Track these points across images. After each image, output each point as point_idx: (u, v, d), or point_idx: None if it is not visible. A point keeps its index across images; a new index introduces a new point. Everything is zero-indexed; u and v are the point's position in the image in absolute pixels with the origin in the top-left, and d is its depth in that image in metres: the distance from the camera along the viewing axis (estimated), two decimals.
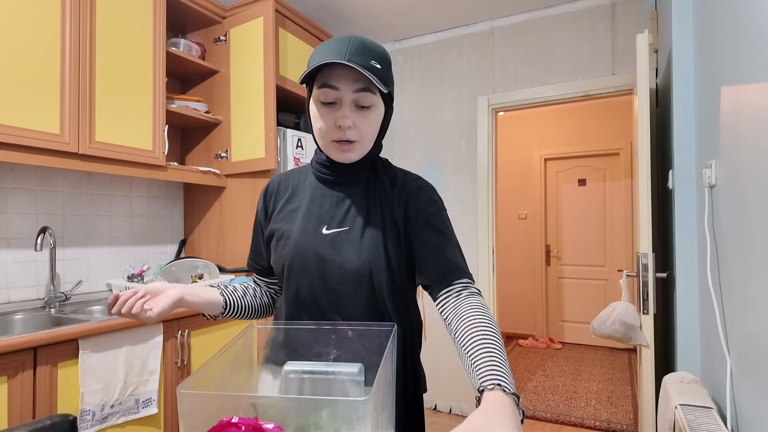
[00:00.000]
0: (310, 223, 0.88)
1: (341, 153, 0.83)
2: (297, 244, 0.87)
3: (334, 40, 0.80)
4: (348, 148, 0.82)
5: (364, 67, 0.76)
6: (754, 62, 0.98)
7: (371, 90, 0.79)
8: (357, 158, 0.85)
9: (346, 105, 0.79)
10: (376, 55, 0.79)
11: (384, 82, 0.79)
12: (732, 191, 1.16)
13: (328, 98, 0.80)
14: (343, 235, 0.86)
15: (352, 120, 0.80)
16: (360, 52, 0.77)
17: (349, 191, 0.89)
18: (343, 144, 0.82)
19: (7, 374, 1.29)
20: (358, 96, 0.79)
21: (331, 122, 0.81)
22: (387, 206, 0.87)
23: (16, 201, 1.82)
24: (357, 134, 0.81)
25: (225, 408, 0.58)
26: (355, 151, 0.83)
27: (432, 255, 0.83)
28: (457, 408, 3.04)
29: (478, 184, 3.01)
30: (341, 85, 0.78)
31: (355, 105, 0.80)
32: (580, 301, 4.85)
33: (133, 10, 1.90)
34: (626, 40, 2.63)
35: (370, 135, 0.84)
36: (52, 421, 0.85)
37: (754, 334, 0.99)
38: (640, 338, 1.77)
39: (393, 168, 0.94)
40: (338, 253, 0.85)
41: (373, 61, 0.78)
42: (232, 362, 0.79)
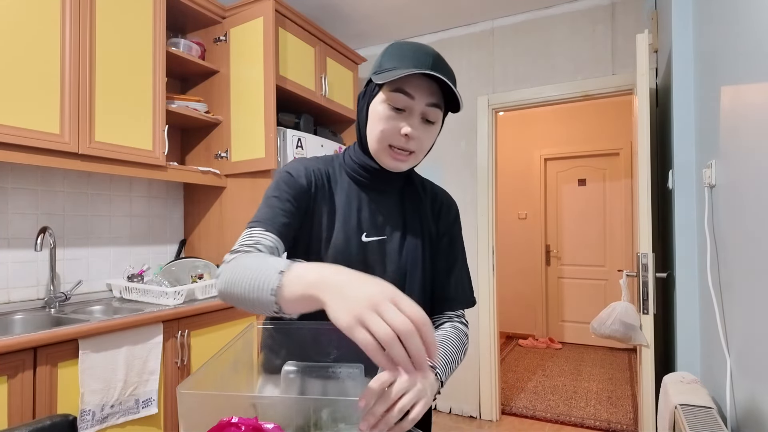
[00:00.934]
0: (350, 228, 0.85)
1: (394, 161, 0.82)
2: (338, 251, 0.84)
3: (411, 46, 0.79)
4: (404, 158, 0.81)
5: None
6: (754, 62, 0.98)
7: (440, 106, 0.80)
8: (407, 168, 0.85)
9: (415, 115, 0.79)
10: (450, 74, 0.80)
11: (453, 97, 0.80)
12: (732, 191, 1.16)
13: (399, 104, 0.78)
14: (382, 244, 0.86)
15: (418, 132, 0.79)
16: (441, 66, 0.78)
17: (386, 198, 0.89)
18: (400, 153, 0.81)
19: (7, 374, 1.29)
20: (428, 110, 0.79)
21: (396, 128, 0.79)
22: (423, 217, 0.89)
23: (16, 201, 1.82)
24: (417, 146, 0.81)
25: (225, 408, 0.58)
26: (409, 162, 0.83)
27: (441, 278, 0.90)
28: (457, 408, 3.04)
29: (478, 184, 3.01)
30: (417, 95, 0.77)
31: (422, 117, 0.80)
32: (580, 301, 4.85)
33: (133, 10, 1.90)
34: (626, 40, 2.63)
35: (426, 149, 0.84)
36: (52, 421, 0.85)
37: (754, 334, 0.99)
38: (640, 338, 1.77)
39: (421, 177, 0.96)
40: (379, 263, 0.85)
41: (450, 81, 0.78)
42: (232, 362, 0.79)
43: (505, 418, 2.96)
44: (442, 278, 0.90)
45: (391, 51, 0.80)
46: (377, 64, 0.81)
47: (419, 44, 0.80)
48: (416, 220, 0.89)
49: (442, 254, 0.91)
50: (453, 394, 3.04)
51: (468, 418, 2.98)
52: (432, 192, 0.95)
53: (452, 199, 0.97)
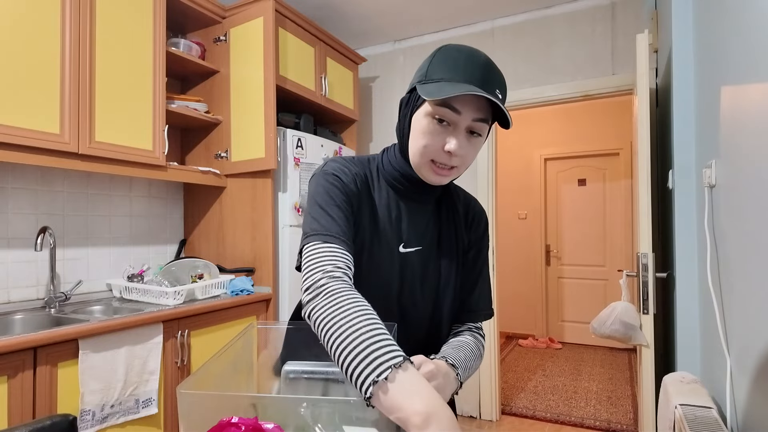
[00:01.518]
0: (390, 238, 0.83)
1: (437, 176, 0.78)
2: (377, 260, 0.81)
3: (461, 55, 0.73)
4: (447, 173, 0.78)
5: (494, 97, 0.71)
6: (754, 62, 0.98)
7: (487, 120, 0.75)
8: (447, 181, 0.81)
9: (461, 131, 0.74)
10: (501, 84, 0.74)
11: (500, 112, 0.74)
12: (732, 191, 1.16)
13: (446, 118, 0.73)
14: (419, 256, 0.85)
15: (463, 148, 0.75)
16: (490, 78, 0.72)
17: (424, 208, 0.87)
18: (442, 168, 0.77)
19: (7, 374, 1.29)
20: (474, 124, 0.74)
21: (440, 144, 0.74)
22: (458, 228, 0.88)
23: (16, 201, 1.82)
24: (460, 161, 0.76)
25: (225, 408, 0.58)
26: (451, 176, 0.79)
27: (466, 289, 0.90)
28: (456, 408, 3.03)
29: (478, 183, 3.01)
30: (463, 110, 0.72)
31: (468, 131, 0.75)
32: (580, 301, 4.85)
33: (133, 10, 1.90)
34: (626, 40, 2.63)
35: (469, 163, 0.79)
36: (52, 421, 0.85)
37: (754, 334, 0.99)
38: (640, 338, 1.77)
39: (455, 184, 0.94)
40: (416, 274, 0.84)
41: (498, 90, 0.73)
42: (232, 362, 0.79)
43: (505, 418, 2.96)
44: (468, 290, 0.90)
45: (440, 58, 0.74)
46: (423, 70, 0.75)
47: (470, 52, 0.73)
48: (452, 232, 0.88)
49: (469, 266, 0.90)
50: None
51: (468, 418, 2.98)
52: (465, 201, 0.93)
53: (483, 210, 0.96)
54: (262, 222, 2.29)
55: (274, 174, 2.31)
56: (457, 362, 0.76)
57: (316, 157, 2.52)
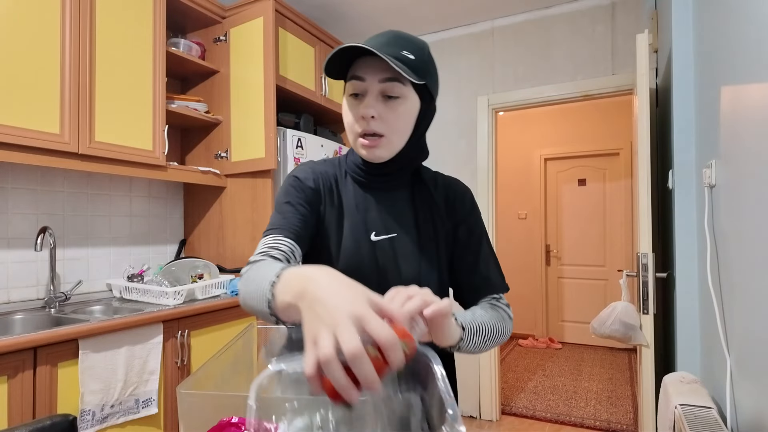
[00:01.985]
0: (358, 229, 0.83)
1: (368, 149, 0.78)
2: (349, 253, 0.82)
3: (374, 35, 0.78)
4: (375, 143, 0.76)
5: (394, 57, 0.72)
6: (754, 62, 0.98)
7: (400, 80, 0.74)
8: (386, 155, 0.79)
9: (372, 95, 0.75)
10: (410, 46, 0.75)
11: (416, 72, 0.74)
12: (732, 191, 1.16)
13: (356, 89, 0.76)
14: (393, 243, 0.83)
15: (376, 110, 0.75)
16: (392, 42, 0.74)
17: (394, 197, 0.86)
18: (369, 138, 0.76)
19: (7, 374, 1.29)
20: (385, 86, 0.74)
21: (357, 114, 0.76)
22: (436, 214, 0.86)
23: (16, 201, 1.82)
24: (383, 127, 0.76)
25: (225, 408, 0.58)
26: (382, 147, 0.77)
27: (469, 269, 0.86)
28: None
29: (478, 183, 3.01)
30: (368, 76, 0.74)
31: (383, 95, 0.75)
32: (580, 301, 4.85)
33: (133, 10, 1.90)
34: (626, 40, 2.63)
35: (399, 129, 0.77)
36: (52, 421, 0.85)
37: (754, 334, 0.99)
38: (640, 338, 1.77)
39: (433, 171, 0.93)
40: (392, 262, 0.82)
41: (406, 51, 0.74)
42: (232, 362, 0.79)
43: (505, 418, 2.96)
44: (468, 270, 0.86)
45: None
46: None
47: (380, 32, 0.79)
48: (428, 218, 0.86)
49: (462, 245, 0.87)
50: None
51: (468, 418, 2.98)
52: (444, 185, 0.90)
53: (465, 188, 0.92)
54: (262, 222, 2.29)
55: (274, 174, 2.31)
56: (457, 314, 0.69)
57: (316, 157, 2.52)
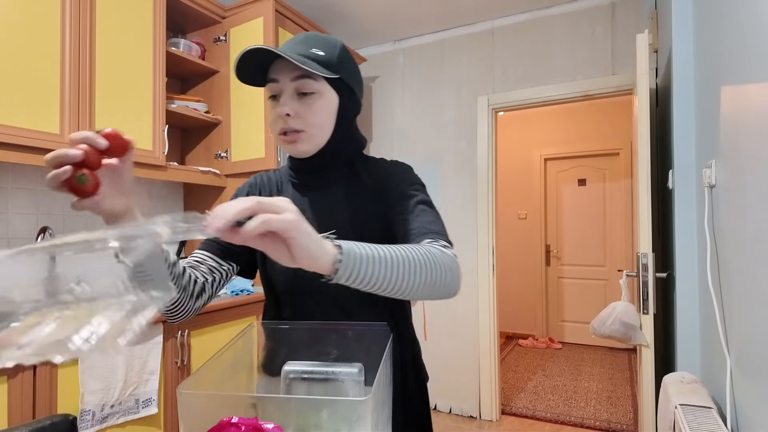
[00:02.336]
0: None
1: (289, 145, 0.81)
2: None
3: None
4: (294, 138, 0.79)
5: (303, 55, 0.76)
6: (754, 62, 0.98)
7: (311, 77, 0.78)
8: (309, 149, 0.81)
9: (286, 94, 0.79)
10: (320, 43, 0.79)
11: (328, 67, 0.78)
12: (732, 191, 1.16)
13: (273, 91, 0.80)
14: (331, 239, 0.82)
15: (291, 108, 0.78)
16: (301, 42, 0.79)
17: (329, 194, 0.85)
18: (289, 135, 0.80)
19: (7, 374, 1.29)
20: (297, 84, 0.78)
21: (275, 115, 0.80)
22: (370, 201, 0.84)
23: (15, 201, 1.82)
24: (301, 123, 0.79)
25: (225, 408, 0.59)
26: (303, 141, 0.80)
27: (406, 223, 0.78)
28: (457, 408, 3.04)
29: (478, 184, 3.01)
30: (280, 76, 0.78)
31: (297, 93, 0.79)
32: (580, 301, 4.85)
33: (133, 10, 1.90)
34: (626, 40, 2.63)
35: (317, 123, 0.80)
36: (52, 421, 0.85)
37: (754, 334, 0.99)
38: (640, 338, 1.77)
39: (371, 160, 0.90)
40: None
41: (315, 49, 0.78)
42: (232, 362, 0.79)
43: (505, 418, 2.96)
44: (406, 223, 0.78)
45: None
46: None
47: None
48: (364, 210, 0.84)
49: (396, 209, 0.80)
50: (453, 394, 3.04)
51: (468, 418, 2.98)
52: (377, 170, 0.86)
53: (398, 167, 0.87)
54: None
55: None
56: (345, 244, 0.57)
57: None
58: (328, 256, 0.53)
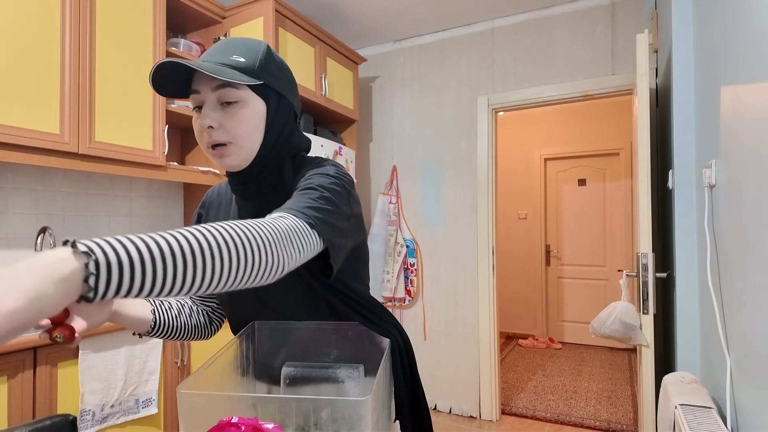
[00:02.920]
0: None
1: (219, 158, 0.76)
2: None
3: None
4: (222, 152, 0.75)
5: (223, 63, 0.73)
6: (754, 62, 0.98)
7: (233, 85, 0.73)
8: (240, 162, 0.76)
9: (208, 105, 0.74)
10: (240, 49, 0.75)
11: (250, 74, 0.73)
12: (732, 191, 1.16)
13: (195, 102, 0.76)
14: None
15: (214, 119, 0.73)
16: (221, 49, 0.75)
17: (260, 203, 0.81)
18: (217, 149, 0.75)
19: (7, 374, 1.29)
20: (219, 93, 0.73)
21: (199, 126, 0.76)
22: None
23: (16, 201, 1.82)
24: (226, 134, 0.74)
25: (225, 408, 0.58)
26: (232, 155, 0.75)
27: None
28: (457, 408, 3.04)
29: (477, 184, 3.01)
30: (201, 87, 0.74)
31: (220, 103, 0.74)
32: (580, 301, 4.85)
33: (133, 10, 1.90)
34: (626, 40, 2.63)
35: (244, 133, 0.75)
36: (52, 421, 0.85)
37: (754, 334, 0.99)
38: (640, 338, 1.77)
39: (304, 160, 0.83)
40: None
41: (236, 55, 0.74)
42: (232, 362, 0.79)
43: (505, 418, 2.96)
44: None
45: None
46: None
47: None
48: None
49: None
50: (453, 394, 3.04)
51: (468, 418, 2.98)
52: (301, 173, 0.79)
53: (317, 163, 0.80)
54: None
55: None
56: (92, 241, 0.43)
57: None
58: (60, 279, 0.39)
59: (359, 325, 0.82)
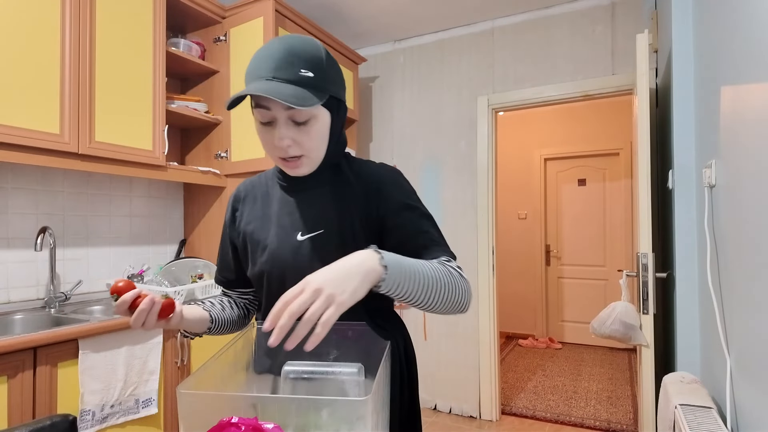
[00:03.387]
0: (284, 231, 0.86)
1: (291, 169, 0.82)
2: (274, 254, 0.85)
3: (263, 49, 0.76)
4: (296, 164, 0.80)
5: (292, 80, 0.72)
6: (754, 62, 0.98)
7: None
8: (309, 171, 0.84)
9: (281, 124, 0.76)
10: (305, 62, 0.74)
11: (318, 88, 0.75)
12: (732, 191, 1.16)
13: (265, 118, 0.77)
14: (319, 239, 0.84)
15: (290, 138, 0.77)
16: (286, 63, 0.73)
17: (317, 194, 0.87)
18: (289, 161, 0.80)
19: (7, 374, 1.29)
20: (292, 113, 0.75)
21: (271, 142, 0.78)
22: (357, 202, 0.85)
23: (16, 201, 1.82)
24: (299, 149, 0.78)
25: (225, 408, 0.59)
26: (304, 165, 0.81)
27: (408, 235, 0.82)
28: (457, 408, 3.04)
29: (477, 184, 3.01)
30: (273, 106, 0.75)
31: (292, 121, 0.76)
32: (580, 301, 4.85)
33: (133, 10, 1.90)
34: (626, 40, 2.63)
35: (315, 147, 0.80)
36: (51, 422, 0.85)
37: (754, 334, 0.99)
38: (639, 338, 1.77)
39: (357, 161, 0.91)
40: (318, 258, 0.82)
41: (303, 70, 0.73)
42: (232, 362, 0.79)
43: (505, 418, 2.96)
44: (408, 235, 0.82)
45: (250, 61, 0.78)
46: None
47: (267, 45, 0.76)
48: (349, 211, 0.85)
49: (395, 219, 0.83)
50: (453, 394, 3.04)
51: (468, 418, 2.98)
52: (366, 173, 0.88)
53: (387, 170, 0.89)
54: None
55: None
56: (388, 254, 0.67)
57: None
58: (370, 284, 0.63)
59: (360, 325, 0.82)
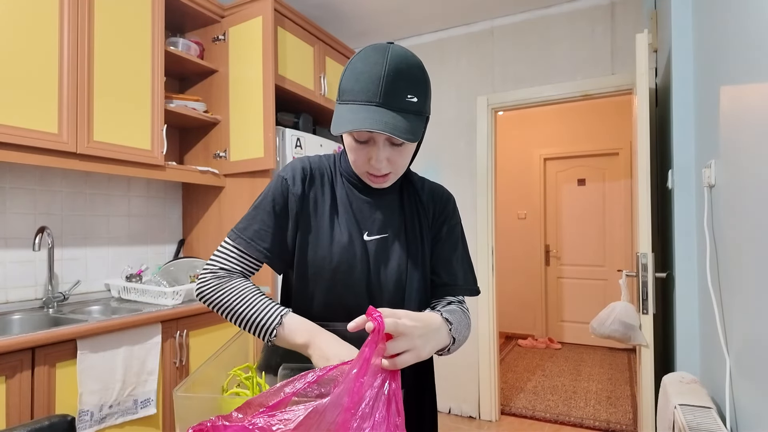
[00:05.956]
0: (352, 227, 0.85)
1: (375, 184, 0.84)
2: (343, 249, 0.84)
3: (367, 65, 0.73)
4: (382, 180, 0.83)
5: (400, 108, 0.73)
6: (754, 62, 0.98)
7: None
8: (393, 182, 0.87)
9: (379, 146, 0.77)
10: (412, 87, 0.74)
11: (420, 114, 0.76)
12: (732, 191, 1.16)
13: (362, 138, 0.77)
14: (383, 243, 0.86)
15: (385, 158, 0.78)
16: (394, 88, 0.72)
17: (384, 198, 0.89)
18: (378, 177, 0.82)
19: (5, 374, 1.29)
20: (392, 137, 0.76)
21: (364, 159, 0.79)
22: (422, 215, 0.90)
23: (14, 201, 1.82)
24: (390, 167, 0.81)
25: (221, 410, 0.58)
26: (389, 180, 0.84)
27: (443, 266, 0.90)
28: (456, 408, 3.04)
29: (477, 184, 3.01)
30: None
31: (389, 142, 0.78)
32: (580, 301, 4.85)
33: (132, 10, 1.89)
34: (626, 39, 2.62)
35: (404, 164, 0.83)
36: (50, 422, 0.85)
37: (754, 334, 0.99)
38: (639, 338, 1.77)
39: (415, 174, 0.97)
40: (381, 261, 0.85)
41: (410, 95, 0.73)
42: (230, 363, 0.78)
43: (505, 418, 2.96)
44: (444, 264, 0.90)
45: (348, 74, 0.75)
46: (339, 86, 0.78)
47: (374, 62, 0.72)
48: (416, 218, 0.90)
49: (442, 243, 0.91)
50: (452, 394, 3.04)
51: (467, 418, 2.98)
52: (429, 189, 0.95)
53: (449, 193, 0.98)
54: None
55: (273, 174, 2.31)
56: (451, 320, 0.77)
57: None
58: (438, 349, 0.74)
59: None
